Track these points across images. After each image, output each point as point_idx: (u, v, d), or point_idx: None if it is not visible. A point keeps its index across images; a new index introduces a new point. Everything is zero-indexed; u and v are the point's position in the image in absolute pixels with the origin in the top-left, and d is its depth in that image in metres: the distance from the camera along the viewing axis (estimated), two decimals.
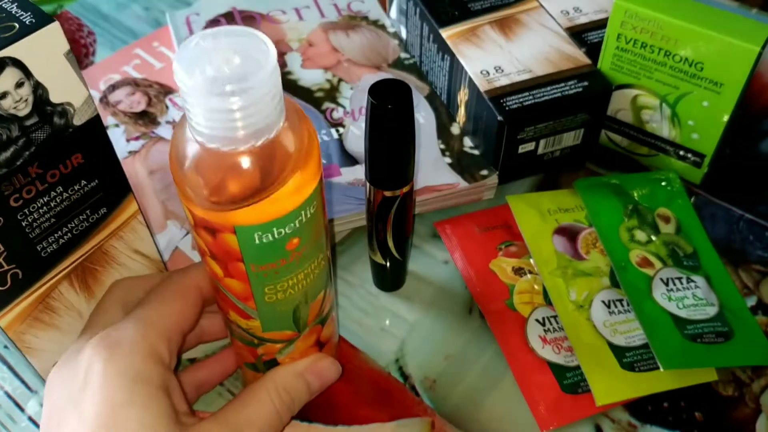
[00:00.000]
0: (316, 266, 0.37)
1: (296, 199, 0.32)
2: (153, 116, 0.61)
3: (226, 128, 0.29)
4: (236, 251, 0.33)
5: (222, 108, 0.28)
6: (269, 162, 0.31)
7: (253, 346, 0.39)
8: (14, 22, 0.33)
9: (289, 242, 0.33)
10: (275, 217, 0.32)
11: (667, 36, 0.52)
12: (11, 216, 0.36)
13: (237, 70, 0.29)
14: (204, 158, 0.31)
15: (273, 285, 0.35)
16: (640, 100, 0.56)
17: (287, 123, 0.31)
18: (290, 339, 0.39)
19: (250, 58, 0.29)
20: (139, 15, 0.73)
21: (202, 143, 0.30)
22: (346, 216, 0.53)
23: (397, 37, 0.67)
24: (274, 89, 0.29)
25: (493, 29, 0.59)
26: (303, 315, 0.38)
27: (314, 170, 0.33)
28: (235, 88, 0.28)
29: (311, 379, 0.41)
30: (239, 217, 0.31)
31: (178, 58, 0.29)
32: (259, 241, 0.32)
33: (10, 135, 0.34)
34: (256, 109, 0.29)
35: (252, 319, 0.37)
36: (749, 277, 0.52)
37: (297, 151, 0.32)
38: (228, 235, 0.32)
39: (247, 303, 0.36)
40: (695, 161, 0.56)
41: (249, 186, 0.31)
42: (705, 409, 0.46)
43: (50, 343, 0.43)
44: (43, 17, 0.34)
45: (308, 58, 0.65)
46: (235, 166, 0.30)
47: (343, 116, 0.60)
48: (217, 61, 0.29)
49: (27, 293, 0.40)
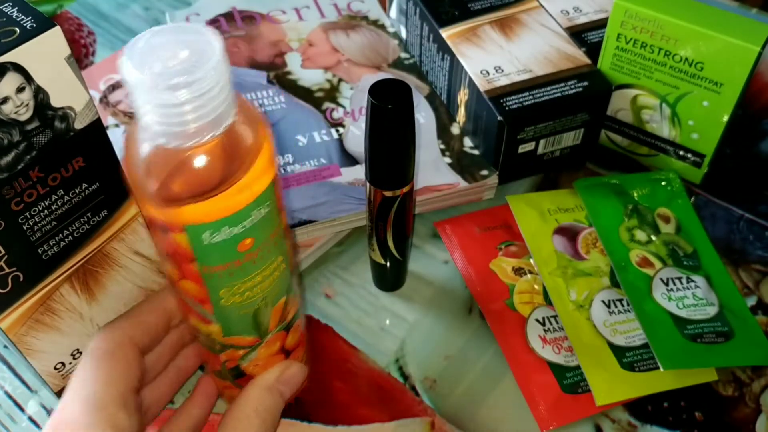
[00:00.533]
0: (275, 269, 0.36)
1: (246, 197, 0.32)
2: None
3: (174, 123, 0.29)
4: (188, 251, 0.32)
5: (169, 102, 0.28)
6: (218, 158, 0.30)
7: (216, 352, 0.39)
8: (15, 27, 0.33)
9: (241, 243, 0.33)
10: (225, 215, 0.31)
11: (667, 36, 0.52)
12: (12, 219, 0.36)
13: (184, 64, 0.28)
14: (152, 155, 0.30)
15: (228, 287, 0.34)
16: (640, 100, 0.56)
17: (238, 119, 0.31)
18: (252, 345, 0.38)
19: (197, 53, 0.29)
20: (139, 15, 0.73)
21: (150, 139, 0.30)
22: (346, 216, 0.53)
23: (397, 37, 0.67)
24: (222, 83, 0.29)
25: (493, 29, 0.59)
26: (264, 320, 0.38)
27: (266, 168, 0.32)
28: (181, 81, 0.28)
29: (283, 389, 0.40)
30: (189, 215, 0.31)
31: (127, 55, 0.28)
32: (210, 240, 0.32)
33: (11, 139, 0.34)
34: (202, 103, 0.29)
35: (211, 324, 0.37)
36: (749, 277, 0.52)
37: (247, 147, 0.31)
38: (179, 234, 0.32)
39: (204, 306, 0.35)
40: (695, 161, 0.56)
41: (198, 183, 0.30)
42: (705, 409, 0.46)
43: (51, 344, 0.43)
44: (44, 22, 0.33)
45: (308, 58, 0.65)
46: (183, 162, 0.30)
47: (343, 116, 0.60)
48: (165, 56, 0.29)
49: (28, 296, 0.40)
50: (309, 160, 0.56)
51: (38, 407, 0.46)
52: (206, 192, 0.30)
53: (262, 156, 0.32)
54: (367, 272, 0.52)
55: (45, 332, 0.42)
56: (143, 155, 0.30)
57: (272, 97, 0.61)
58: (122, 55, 0.29)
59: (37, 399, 0.47)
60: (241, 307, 0.36)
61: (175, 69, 0.28)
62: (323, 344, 0.49)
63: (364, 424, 0.45)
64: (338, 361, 0.48)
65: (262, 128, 0.33)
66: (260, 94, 0.61)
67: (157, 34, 0.29)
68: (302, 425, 0.45)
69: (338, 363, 0.48)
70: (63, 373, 0.44)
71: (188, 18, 0.68)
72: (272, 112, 0.59)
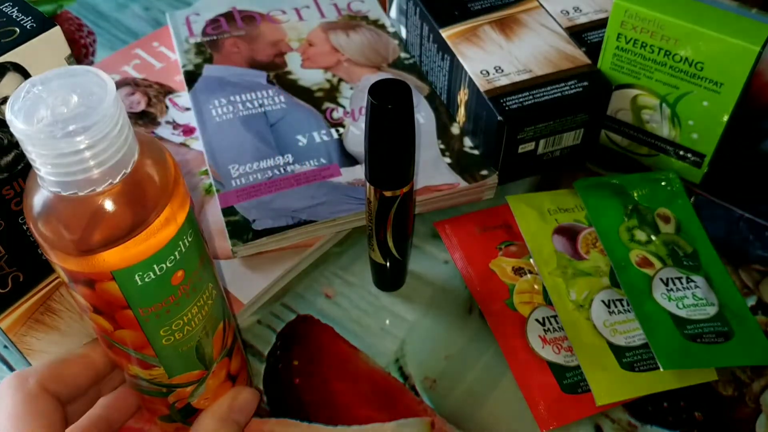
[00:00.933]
0: (209, 296, 0.35)
1: (170, 230, 0.31)
2: (153, 116, 0.61)
3: (79, 171, 0.27)
4: (120, 298, 0.31)
5: (70, 150, 0.27)
6: (133, 197, 0.29)
7: (163, 396, 0.37)
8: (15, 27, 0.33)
9: (173, 276, 0.32)
10: (152, 252, 0.30)
11: (667, 36, 0.52)
12: (12, 219, 0.37)
13: (77, 109, 0.27)
14: (63, 208, 0.29)
15: (168, 326, 0.33)
16: (640, 100, 0.56)
17: (144, 154, 0.30)
18: (200, 379, 0.37)
19: (88, 95, 0.28)
20: (139, 15, 0.73)
21: (57, 192, 0.28)
22: (346, 216, 0.53)
23: (397, 36, 0.67)
24: (121, 121, 0.28)
25: (493, 29, 0.59)
26: (207, 351, 0.37)
27: (182, 197, 0.31)
28: (78, 127, 0.27)
29: (238, 417, 0.39)
30: (114, 261, 0.30)
31: (12, 109, 0.27)
32: (142, 281, 0.31)
33: (11, 140, 0.34)
34: (105, 145, 0.27)
35: (155, 368, 0.35)
36: (749, 277, 0.52)
37: (160, 180, 0.30)
38: (107, 283, 0.30)
39: (145, 351, 0.34)
40: (695, 161, 0.56)
41: (116, 226, 0.29)
42: (705, 409, 0.46)
43: (51, 344, 0.43)
44: (44, 22, 0.33)
45: (308, 58, 0.65)
46: (98, 208, 0.29)
47: (343, 116, 0.60)
48: (54, 103, 0.27)
49: (28, 296, 0.40)
50: (309, 160, 0.56)
51: None
52: (127, 233, 0.29)
53: (179, 185, 0.31)
54: (367, 272, 0.52)
55: (45, 332, 0.42)
56: (51, 210, 0.29)
57: (272, 97, 0.61)
58: (7, 110, 0.27)
59: None
60: (183, 343, 0.35)
61: (69, 115, 0.27)
62: (323, 344, 0.49)
63: (364, 424, 0.45)
64: (338, 362, 0.48)
65: (169, 157, 0.32)
66: (260, 94, 0.61)
67: (37, 83, 0.28)
68: (302, 425, 0.45)
69: (338, 363, 0.48)
70: None
71: (188, 18, 0.68)
72: (272, 112, 0.59)
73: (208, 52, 0.64)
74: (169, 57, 0.67)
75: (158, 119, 0.61)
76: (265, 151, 0.56)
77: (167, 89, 0.64)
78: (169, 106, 0.62)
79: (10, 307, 0.39)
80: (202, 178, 0.57)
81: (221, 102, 0.60)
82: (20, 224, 0.37)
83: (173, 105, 0.62)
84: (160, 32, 0.69)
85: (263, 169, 0.55)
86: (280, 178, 0.54)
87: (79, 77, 0.28)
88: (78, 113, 0.27)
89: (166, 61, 0.66)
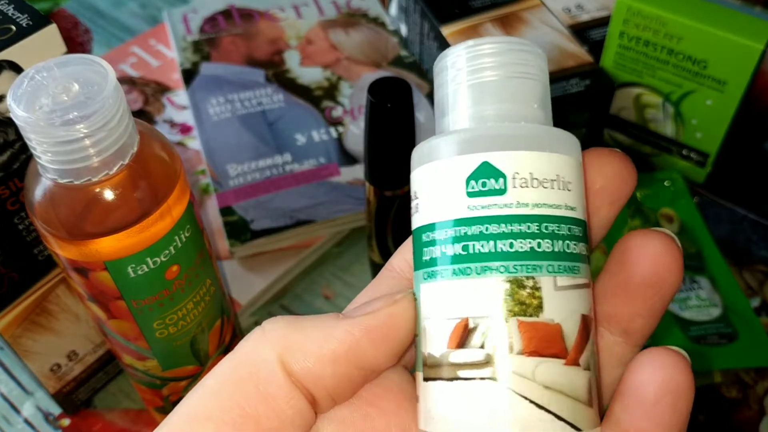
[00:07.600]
0: (206, 293, 0.35)
1: (166, 224, 0.30)
2: (150, 115, 0.61)
3: (77, 159, 0.27)
4: (113, 289, 0.31)
5: (69, 138, 0.27)
6: (130, 189, 0.29)
7: (157, 387, 0.37)
8: (11, 25, 0.33)
9: (167, 271, 0.32)
10: (146, 246, 0.30)
11: (670, 34, 0.51)
12: (8, 220, 0.36)
13: (77, 97, 0.27)
14: (60, 196, 0.29)
15: (161, 319, 0.33)
16: (643, 99, 0.55)
17: (143, 146, 0.30)
18: (194, 374, 0.37)
19: (88, 84, 0.28)
20: (136, 12, 0.72)
21: (55, 180, 0.28)
22: (346, 216, 0.52)
23: (397, 34, 0.66)
24: (120, 111, 0.28)
25: (495, 27, 0.59)
26: (203, 347, 0.36)
27: (181, 191, 0.31)
28: (78, 115, 0.27)
29: None
30: (107, 251, 0.29)
31: (13, 97, 0.27)
32: (135, 273, 0.31)
33: (6, 138, 0.34)
34: (104, 134, 0.27)
35: (148, 359, 0.35)
36: (753, 278, 0.52)
37: (159, 174, 0.30)
38: (101, 273, 0.30)
39: (138, 343, 0.34)
40: (699, 160, 0.56)
41: (113, 216, 0.29)
42: (708, 410, 0.46)
43: (47, 346, 0.42)
44: (39, 19, 0.33)
45: (307, 56, 0.64)
46: (93, 198, 0.29)
47: (343, 115, 0.59)
48: (55, 91, 0.27)
49: (24, 297, 0.39)
50: (308, 160, 0.55)
51: (34, 409, 0.46)
52: (125, 224, 0.29)
53: (178, 179, 0.31)
54: (367, 273, 0.51)
55: (41, 333, 0.42)
56: (49, 197, 0.29)
57: (270, 96, 0.60)
58: (8, 97, 0.27)
59: (33, 401, 0.46)
60: (177, 337, 0.35)
61: (70, 103, 0.27)
62: None
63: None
64: None
65: (170, 150, 0.31)
66: (258, 92, 0.60)
67: (40, 70, 0.28)
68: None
69: None
70: (59, 374, 0.44)
71: (186, 15, 0.67)
72: (271, 110, 0.59)
73: (205, 50, 0.64)
74: (166, 55, 0.66)
75: (155, 118, 0.61)
76: (264, 150, 0.56)
77: (164, 87, 0.63)
78: (166, 105, 0.62)
79: (6, 309, 0.39)
80: (199, 178, 0.56)
81: (219, 100, 0.60)
82: (16, 224, 0.36)
83: (170, 103, 0.62)
84: (157, 30, 0.69)
85: (261, 169, 0.55)
86: (279, 178, 0.54)
87: (81, 66, 0.28)
88: (78, 102, 0.27)
89: (163, 59, 0.66)
